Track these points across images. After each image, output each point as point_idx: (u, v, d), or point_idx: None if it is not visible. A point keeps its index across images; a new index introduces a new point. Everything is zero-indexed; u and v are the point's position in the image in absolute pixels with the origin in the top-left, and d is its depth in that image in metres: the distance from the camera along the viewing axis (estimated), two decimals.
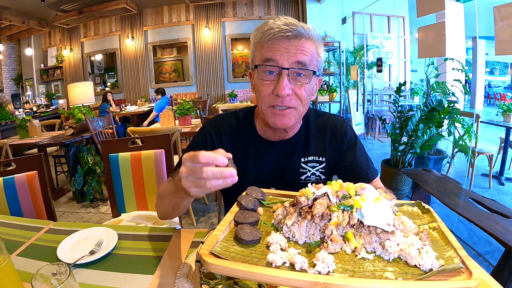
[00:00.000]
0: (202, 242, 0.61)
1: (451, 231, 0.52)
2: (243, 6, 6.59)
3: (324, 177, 0.92)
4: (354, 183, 0.90)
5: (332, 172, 0.95)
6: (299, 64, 0.74)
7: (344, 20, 5.35)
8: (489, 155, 3.08)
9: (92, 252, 0.79)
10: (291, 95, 0.76)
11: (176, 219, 1.50)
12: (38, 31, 7.11)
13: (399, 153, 2.77)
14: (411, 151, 2.66)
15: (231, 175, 0.52)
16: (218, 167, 0.51)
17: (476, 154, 3.02)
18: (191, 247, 0.81)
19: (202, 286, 0.50)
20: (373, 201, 0.52)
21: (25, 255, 0.80)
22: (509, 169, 3.46)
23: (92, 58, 7.70)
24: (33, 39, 7.34)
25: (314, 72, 0.77)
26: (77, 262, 0.74)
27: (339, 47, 4.96)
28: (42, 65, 7.46)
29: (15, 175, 1.30)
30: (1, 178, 1.28)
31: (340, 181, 0.58)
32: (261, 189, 0.70)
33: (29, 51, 7.31)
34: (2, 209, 1.26)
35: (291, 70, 0.74)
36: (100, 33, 7.01)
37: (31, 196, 1.32)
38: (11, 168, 1.33)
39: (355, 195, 0.54)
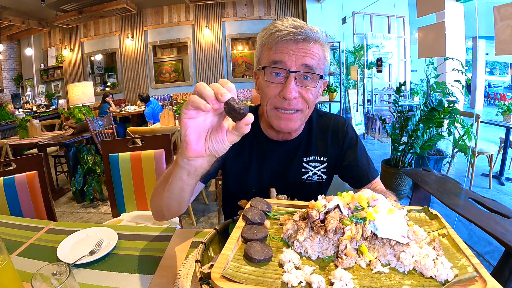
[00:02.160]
0: (203, 242, 0.61)
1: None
2: (243, 6, 6.59)
3: (325, 176, 0.93)
4: (355, 182, 0.91)
5: (333, 171, 0.95)
6: (306, 67, 0.74)
7: (344, 20, 5.36)
8: (489, 155, 3.08)
9: (92, 252, 0.79)
10: (297, 97, 0.76)
11: (176, 219, 1.50)
12: (38, 31, 7.11)
13: (399, 153, 2.77)
14: (411, 151, 2.66)
15: (227, 90, 0.47)
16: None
17: (476, 154, 3.02)
18: (191, 247, 0.80)
19: (202, 286, 0.50)
20: (387, 213, 0.50)
21: (25, 255, 0.80)
22: (509, 169, 3.46)
23: (92, 58, 7.69)
24: (33, 39, 7.33)
25: (321, 76, 0.77)
26: (77, 262, 0.74)
27: (339, 47, 4.96)
28: (42, 65, 7.46)
29: (15, 175, 1.30)
30: (1, 178, 1.28)
31: (351, 192, 0.56)
32: (265, 199, 0.67)
33: (29, 51, 7.30)
34: (2, 209, 1.26)
35: (299, 74, 0.74)
36: (100, 33, 7.01)
37: (31, 196, 1.32)
38: (11, 168, 1.33)
39: (368, 206, 0.52)
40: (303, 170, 0.91)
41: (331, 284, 0.43)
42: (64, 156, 3.48)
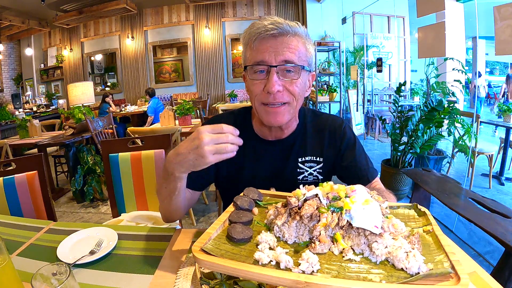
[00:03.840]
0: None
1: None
2: (243, 6, 6.59)
3: (321, 177, 0.92)
4: (355, 183, 0.90)
5: (331, 172, 0.95)
6: (287, 62, 0.75)
7: (344, 20, 5.35)
8: (489, 155, 3.08)
9: (92, 252, 0.79)
10: (282, 91, 0.77)
11: None
12: (38, 31, 7.11)
13: (399, 153, 2.77)
14: (411, 151, 2.66)
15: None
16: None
17: (476, 154, 3.02)
18: (191, 247, 0.80)
19: (202, 286, 0.50)
20: (362, 203, 0.52)
21: (25, 255, 0.80)
22: (509, 169, 3.45)
23: (92, 58, 7.69)
24: (33, 39, 7.33)
25: (303, 67, 0.77)
26: (77, 262, 0.74)
27: (339, 47, 4.95)
28: (42, 65, 7.46)
29: (15, 175, 1.30)
30: (1, 178, 1.28)
31: (331, 183, 0.59)
32: (259, 190, 0.70)
33: (29, 51, 7.30)
34: (2, 209, 1.26)
35: (280, 67, 0.75)
36: (100, 33, 7.01)
37: (31, 196, 1.32)
38: (11, 168, 1.33)
39: (345, 197, 0.55)
40: (298, 170, 0.91)
41: (299, 265, 0.45)
42: (64, 156, 3.47)
